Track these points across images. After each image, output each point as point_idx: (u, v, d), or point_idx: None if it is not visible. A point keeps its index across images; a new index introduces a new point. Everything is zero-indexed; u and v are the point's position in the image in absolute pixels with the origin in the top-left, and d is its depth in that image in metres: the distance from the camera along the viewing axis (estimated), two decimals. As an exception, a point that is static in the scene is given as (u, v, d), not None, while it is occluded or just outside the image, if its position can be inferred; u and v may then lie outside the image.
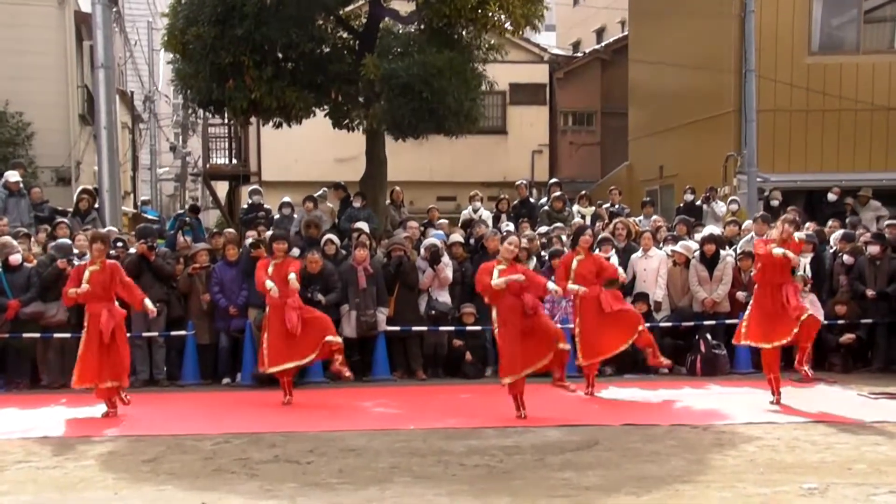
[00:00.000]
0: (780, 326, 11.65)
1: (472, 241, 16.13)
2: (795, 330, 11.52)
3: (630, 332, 12.52)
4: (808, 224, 17.09)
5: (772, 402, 11.74)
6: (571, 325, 13.00)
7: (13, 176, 16.94)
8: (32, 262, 14.11)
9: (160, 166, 44.36)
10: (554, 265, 14.80)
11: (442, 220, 18.30)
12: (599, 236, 15.77)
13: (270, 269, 12.21)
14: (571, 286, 12.42)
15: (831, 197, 20.54)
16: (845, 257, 15.41)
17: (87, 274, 11.26)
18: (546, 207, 18.83)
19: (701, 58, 24.45)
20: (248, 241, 15.24)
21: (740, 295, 14.95)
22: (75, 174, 23.79)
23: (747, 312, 12.22)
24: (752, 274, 14.81)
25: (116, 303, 11.53)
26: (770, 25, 22.74)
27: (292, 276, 12.01)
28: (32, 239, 15.11)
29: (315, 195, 18.73)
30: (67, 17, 24.07)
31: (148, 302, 11.68)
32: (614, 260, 15.24)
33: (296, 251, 14.12)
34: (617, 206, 19.40)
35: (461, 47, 17.54)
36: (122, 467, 8.71)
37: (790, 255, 11.38)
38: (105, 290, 11.30)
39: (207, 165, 33.15)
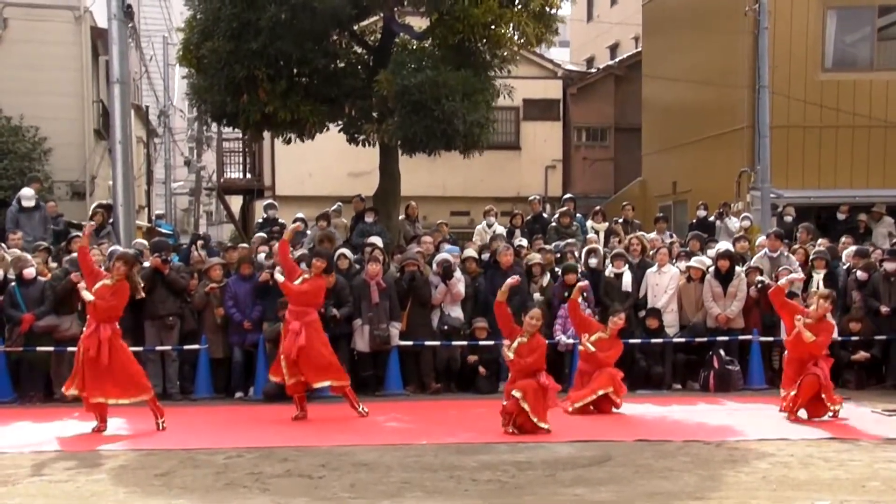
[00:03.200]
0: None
1: (484, 255, 16.09)
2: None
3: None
4: (819, 241, 17.11)
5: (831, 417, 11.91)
6: (580, 345, 13.04)
7: (27, 192, 17.02)
8: (47, 276, 14.16)
9: (175, 180, 44.48)
10: (567, 280, 14.80)
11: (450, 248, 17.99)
12: (613, 252, 15.83)
13: (299, 280, 12.17)
14: (589, 346, 12.62)
15: (840, 216, 20.51)
16: (859, 273, 15.36)
17: (98, 284, 11.22)
18: (554, 224, 18.81)
19: (714, 74, 24.47)
20: (262, 254, 15.37)
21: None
22: (90, 189, 23.84)
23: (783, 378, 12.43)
24: (759, 288, 14.92)
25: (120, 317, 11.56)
26: (784, 42, 22.76)
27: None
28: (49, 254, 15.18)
29: (330, 210, 18.80)
30: (83, 32, 24.13)
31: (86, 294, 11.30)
32: (627, 275, 15.28)
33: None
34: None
35: (475, 63, 17.55)
36: (134, 481, 8.73)
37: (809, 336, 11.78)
38: (105, 308, 11.18)
39: (222, 180, 33.27)
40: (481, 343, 14.62)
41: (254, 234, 19.11)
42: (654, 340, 14.87)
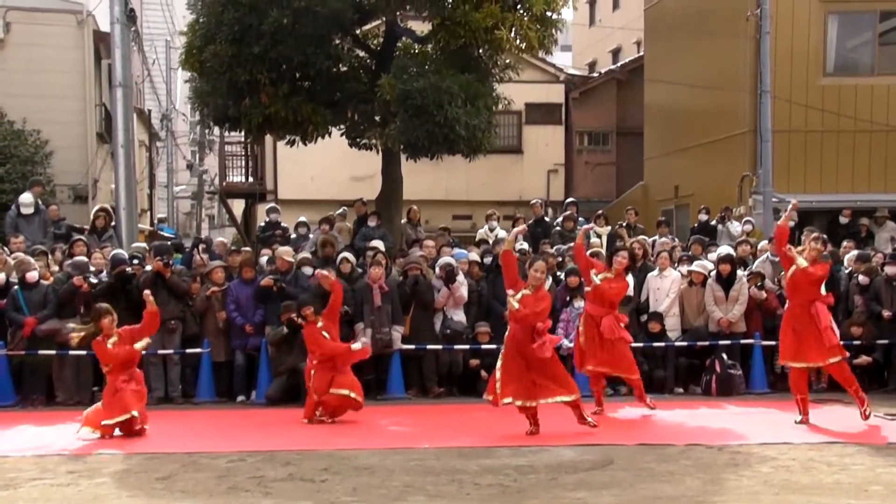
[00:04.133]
0: (811, 349, 11.75)
1: (486, 259, 16.09)
2: (827, 361, 11.78)
3: (624, 370, 12.65)
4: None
5: (797, 422, 11.79)
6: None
7: (26, 198, 17.04)
8: (49, 280, 14.18)
9: (177, 184, 44.52)
10: (570, 283, 14.82)
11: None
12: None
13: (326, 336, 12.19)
14: (596, 279, 12.53)
15: (842, 220, 20.51)
16: (861, 278, 15.37)
17: (111, 348, 11.30)
18: (558, 227, 18.84)
19: (716, 78, 24.47)
20: (264, 258, 15.46)
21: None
22: (92, 192, 23.89)
23: (781, 329, 12.30)
24: (759, 286, 15.03)
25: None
26: (785, 47, 22.77)
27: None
28: (49, 257, 15.17)
29: (335, 213, 18.83)
30: (86, 36, 24.19)
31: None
32: (629, 279, 15.27)
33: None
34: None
35: (477, 68, 17.58)
36: (136, 485, 8.73)
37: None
38: (129, 360, 11.34)
39: (224, 183, 33.30)
40: (483, 347, 14.62)
41: (256, 237, 19.17)
42: (655, 344, 14.87)
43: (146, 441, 10.96)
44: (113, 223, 17.26)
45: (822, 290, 12.71)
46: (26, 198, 17.09)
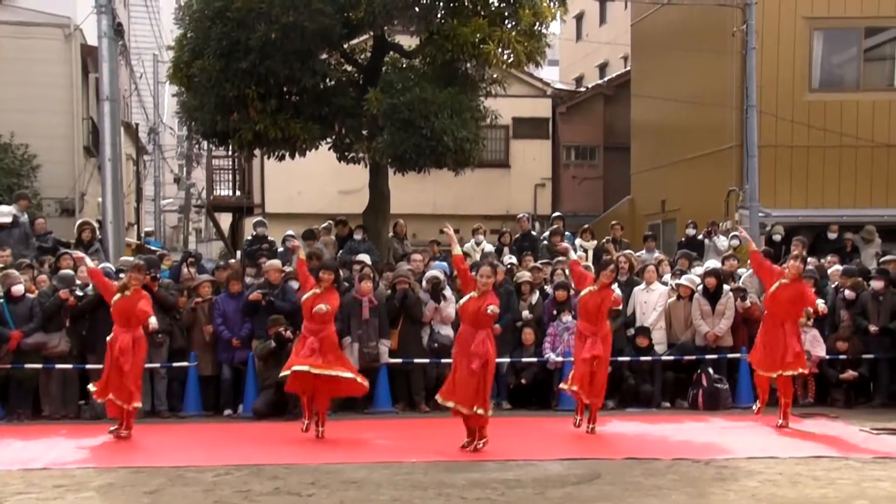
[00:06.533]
0: (777, 360, 12.41)
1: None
2: (776, 374, 12.52)
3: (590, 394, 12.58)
4: (808, 259, 17.14)
5: (777, 426, 12.18)
6: (573, 360, 12.96)
7: (4, 208, 16.98)
8: (34, 293, 14.13)
9: (164, 198, 44.48)
10: (558, 297, 14.85)
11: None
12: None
13: (309, 294, 12.05)
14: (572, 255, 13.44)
15: (831, 235, 20.58)
16: (847, 292, 15.41)
17: (117, 296, 11.68)
18: (545, 242, 18.88)
19: (703, 94, 24.58)
20: (248, 278, 15.42)
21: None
22: (79, 205, 23.83)
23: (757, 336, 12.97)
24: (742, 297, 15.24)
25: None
26: (771, 62, 22.88)
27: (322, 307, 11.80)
28: (34, 269, 15.11)
29: (320, 227, 18.82)
30: (74, 50, 24.18)
31: (153, 320, 11.96)
32: (616, 293, 15.29)
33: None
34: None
35: (464, 82, 17.63)
36: (123, 499, 8.71)
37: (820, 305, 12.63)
38: (129, 317, 11.59)
39: (211, 197, 33.26)
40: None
41: (243, 251, 19.13)
42: (643, 358, 14.89)
43: (133, 455, 10.94)
44: (99, 236, 17.21)
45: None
46: (3, 208, 17.04)
